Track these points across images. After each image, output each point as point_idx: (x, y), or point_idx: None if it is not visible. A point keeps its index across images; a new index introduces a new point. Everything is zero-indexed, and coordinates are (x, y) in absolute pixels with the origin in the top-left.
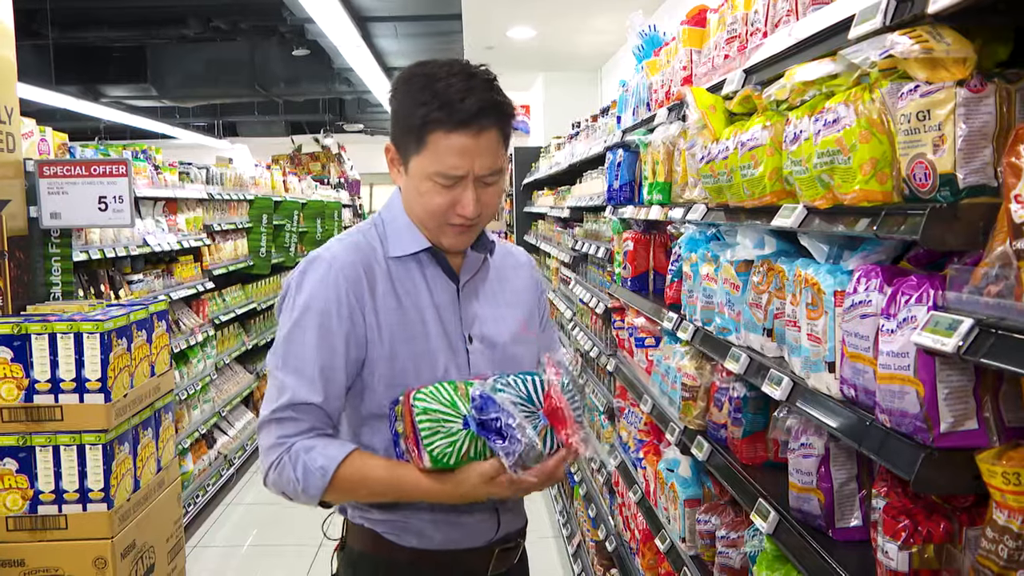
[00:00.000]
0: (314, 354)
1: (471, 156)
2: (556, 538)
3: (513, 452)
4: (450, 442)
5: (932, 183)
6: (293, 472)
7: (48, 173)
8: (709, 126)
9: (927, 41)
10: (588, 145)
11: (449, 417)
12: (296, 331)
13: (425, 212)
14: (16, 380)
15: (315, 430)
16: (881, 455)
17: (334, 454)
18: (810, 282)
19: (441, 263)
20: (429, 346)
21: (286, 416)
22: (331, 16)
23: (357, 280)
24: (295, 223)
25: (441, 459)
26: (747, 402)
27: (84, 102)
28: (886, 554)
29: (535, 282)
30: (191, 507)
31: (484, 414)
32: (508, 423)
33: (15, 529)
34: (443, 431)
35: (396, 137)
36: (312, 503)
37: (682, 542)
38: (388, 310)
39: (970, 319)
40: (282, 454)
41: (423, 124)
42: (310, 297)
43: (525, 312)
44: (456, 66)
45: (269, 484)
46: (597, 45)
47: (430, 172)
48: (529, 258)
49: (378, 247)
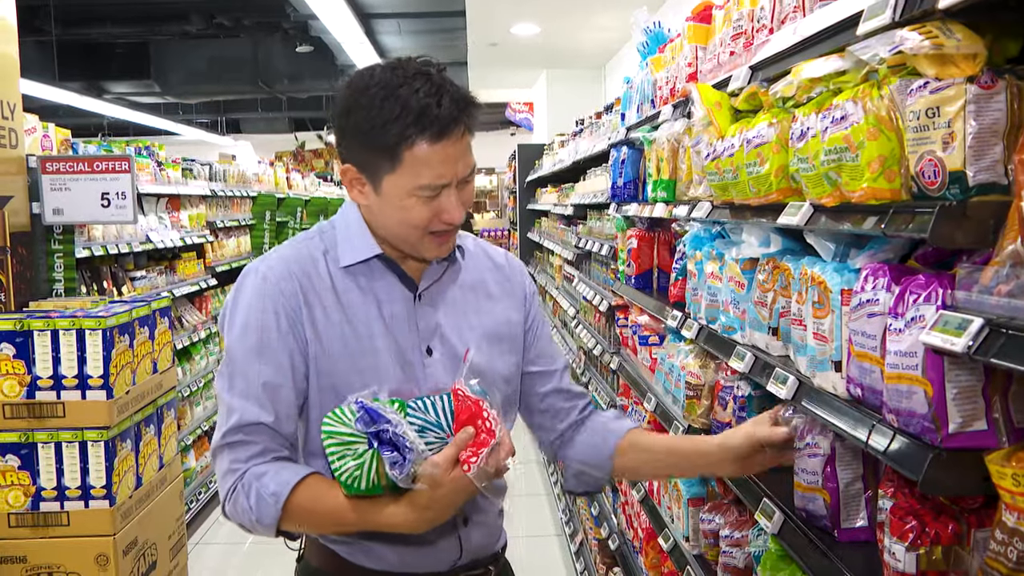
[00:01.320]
0: (258, 372)
1: (454, 162)
2: (559, 536)
3: (403, 463)
4: (357, 464)
5: (941, 181)
6: (246, 500)
7: (51, 169)
8: (715, 123)
9: (937, 37)
10: (592, 142)
11: (356, 438)
12: (238, 350)
13: (407, 227)
14: (18, 376)
15: (269, 452)
16: (888, 455)
17: (287, 478)
18: (816, 280)
19: (395, 271)
20: (377, 361)
21: (236, 440)
22: (335, 12)
23: (293, 293)
24: (298, 220)
25: (351, 484)
26: (752, 401)
27: (87, 98)
28: (893, 555)
29: (518, 285)
30: (193, 504)
31: (372, 426)
32: (396, 432)
33: (17, 526)
34: (351, 452)
35: (357, 156)
36: (269, 534)
37: (685, 541)
38: (330, 324)
39: (980, 319)
40: (235, 482)
41: (399, 141)
42: (247, 314)
43: (501, 318)
44: (409, 67)
45: (227, 515)
46: (601, 42)
47: (411, 188)
48: (511, 259)
49: (320, 257)
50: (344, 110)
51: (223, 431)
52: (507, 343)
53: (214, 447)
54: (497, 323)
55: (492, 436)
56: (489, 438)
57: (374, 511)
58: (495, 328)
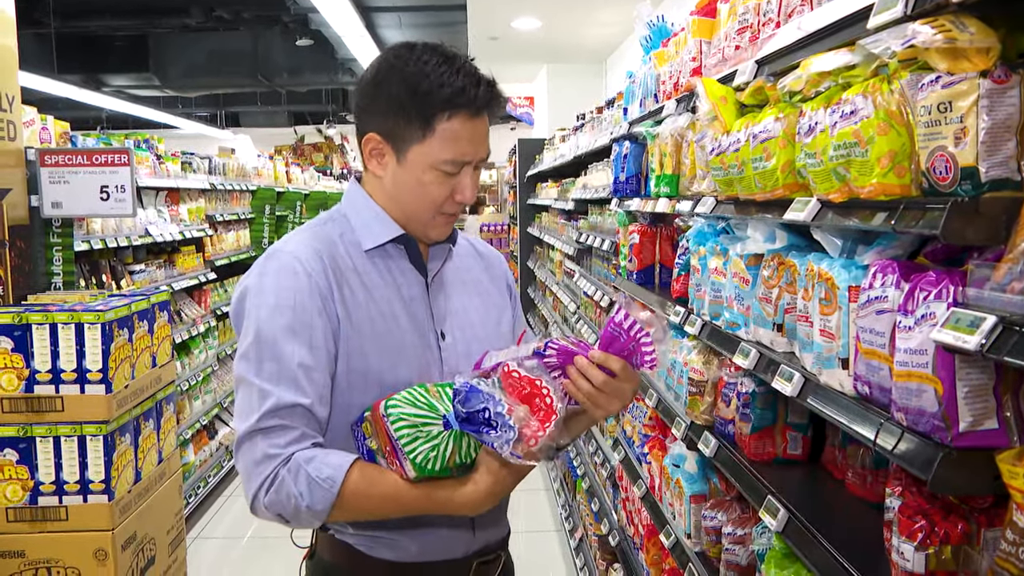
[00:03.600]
0: (292, 352)
1: (479, 142)
2: (558, 532)
3: (508, 441)
4: (432, 446)
5: (953, 176)
6: (295, 486)
7: (50, 162)
8: (720, 118)
9: (950, 31)
10: (593, 137)
11: (428, 420)
12: (267, 332)
13: (421, 203)
14: (16, 370)
15: (307, 437)
16: (897, 454)
17: (338, 462)
18: (824, 277)
19: (411, 254)
20: (404, 341)
21: (273, 424)
22: (335, 6)
23: (323, 272)
24: (297, 214)
25: (425, 466)
26: (756, 397)
27: (86, 91)
28: (902, 555)
29: (500, 272)
30: (192, 498)
31: (469, 406)
32: (497, 411)
33: (15, 520)
34: (423, 435)
35: (383, 124)
36: (316, 524)
37: (687, 538)
38: (357, 304)
39: (993, 316)
40: (277, 467)
41: (439, 111)
42: (277, 295)
43: (495, 300)
44: (446, 51)
45: (262, 507)
46: (602, 37)
47: (438, 160)
48: (488, 247)
49: (338, 241)
50: (375, 78)
51: (257, 416)
52: (502, 318)
53: (245, 433)
54: (492, 304)
55: (553, 412)
56: (550, 413)
57: (441, 492)
58: (492, 308)
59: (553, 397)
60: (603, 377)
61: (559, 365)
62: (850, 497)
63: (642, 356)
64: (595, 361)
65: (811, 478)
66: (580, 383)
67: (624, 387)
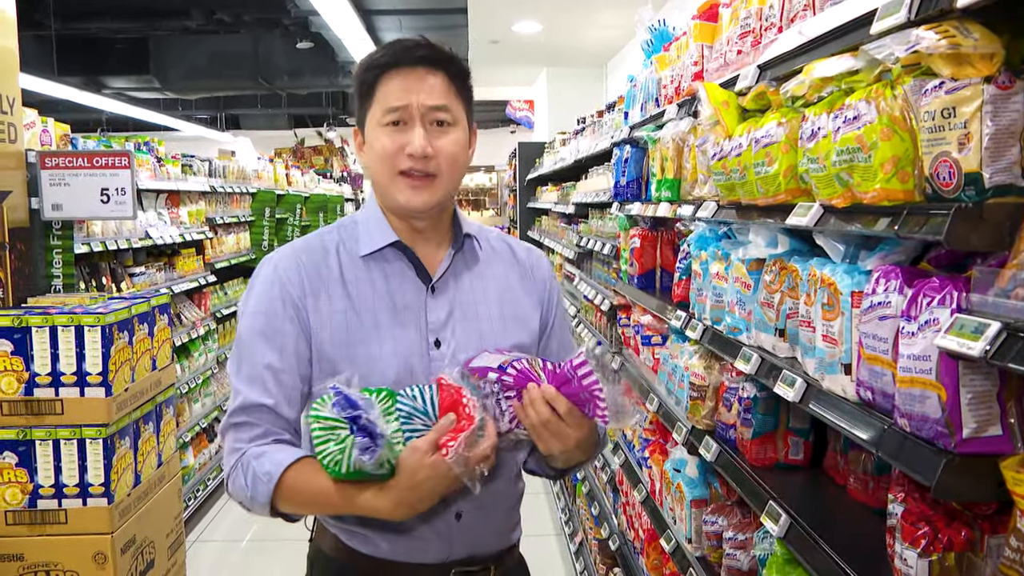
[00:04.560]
0: (262, 355)
1: (415, 92)
2: (558, 535)
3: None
4: (339, 449)
5: (956, 182)
6: (244, 479)
7: (50, 164)
8: (722, 122)
9: (954, 36)
10: (594, 141)
11: (338, 423)
12: (246, 335)
13: (380, 167)
14: (16, 373)
15: (270, 434)
16: (900, 460)
17: (281, 459)
18: (826, 282)
19: (412, 260)
20: (381, 351)
21: (240, 421)
22: (335, 9)
23: (299, 281)
24: (297, 217)
25: (333, 468)
26: (757, 402)
27: (86, 93)
28: (905, 561)
29: (540, 281)
30: (191, 502)
31: (346, 411)
32: (368, 418)
33: (14, 523)
34: (334, 437)
35: (357, 115)
36: (264, 513)
37: (688, 543)
38: (334, 312)
39: (997, 322)
40: (237, 460)
41: (375, 78)
42: (256, 300)
43: (519, 311)
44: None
45: (229, 493)
46: (603, 40)
47: (379, 118)
48: (531, 252)
49: (333, 250)
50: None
51: (229, 412)
52: (524, 331)
53: (222, 427)
54: (511, 316)
55: (471, 422)
56: (468, 423)
57: (356, 495)
58: (511, 321)
59: (471, 409)
60: (547, 414)
61: (515, 387)
62: (852, 503)
63: (594, 408)
64: (545, 397)
65: (813, 483)
66: (527, 411)
67: (567, 431)
